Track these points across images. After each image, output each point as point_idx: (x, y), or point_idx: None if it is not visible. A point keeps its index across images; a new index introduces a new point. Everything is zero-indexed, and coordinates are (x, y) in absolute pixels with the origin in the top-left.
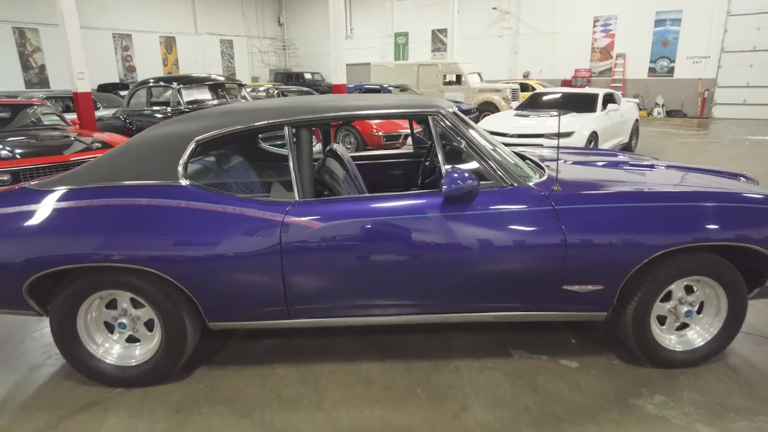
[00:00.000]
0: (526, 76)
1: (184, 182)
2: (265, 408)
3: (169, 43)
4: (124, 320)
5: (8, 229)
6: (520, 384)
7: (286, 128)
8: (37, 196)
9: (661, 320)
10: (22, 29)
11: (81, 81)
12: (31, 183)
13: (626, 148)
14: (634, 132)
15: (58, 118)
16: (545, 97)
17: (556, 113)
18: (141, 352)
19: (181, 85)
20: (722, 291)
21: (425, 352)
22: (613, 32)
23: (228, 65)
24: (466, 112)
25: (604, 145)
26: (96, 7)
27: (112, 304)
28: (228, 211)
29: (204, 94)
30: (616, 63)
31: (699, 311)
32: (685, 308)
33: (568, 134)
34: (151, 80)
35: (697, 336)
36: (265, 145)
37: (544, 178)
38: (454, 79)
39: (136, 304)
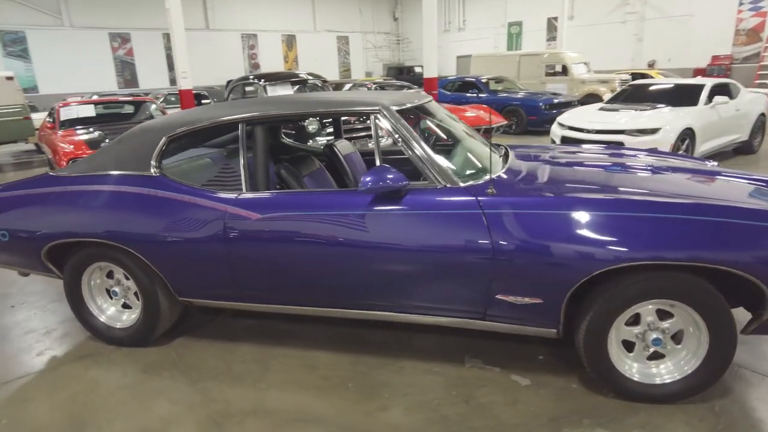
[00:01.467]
0: (651, 65)
1: (155, 173)
2: (212, 379)
3: (290, 41)
4: (117, 289)
5: (29, 207)
6: (455, 393)
7: (240, 125)
8: (52, 181)
9: (630, 346)
10: (170, 34)
11: (184, 79)
12: (52, 170)
13: (746, 147)
14: (758, 128)
15: (160, 113)
16: (642, 89)
17: (649, 107)
18: (126, 318)
19: (266, 82)
20: (701, 320)
21: (380, 348)
22: (765, 9)
23: (344, 61)
24: (566, 104)
25: (707, 143)
26: (227, 11)
27: (113, 274)
28: (185, 199)
29: (286, 90)
30: (766, 46)
31: (680, 341)
32: (653, 335)
33: (653, 131)
34: (251, 76)
35: (667, 370)
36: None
37: (485, 179)
38: (560, 69)
39: (128, 276)
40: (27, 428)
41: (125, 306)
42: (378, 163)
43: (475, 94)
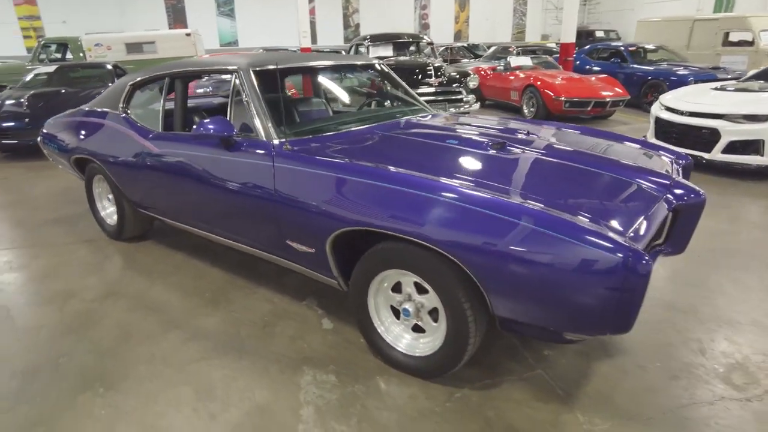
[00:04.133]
0: None
1: (120, 111)
2: (136, 270)
3: (463, 1)
4: (110, 195)
5: (66, 129)
6: (266, 319)
7: (166, 79)
8: (81, 113)
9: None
10: None
11: (304, 38)
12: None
13: None
14: None
15: None
16: None
17: None
18: (113, 218)
19: (370, 43)
20: (441, 303)
21: (255, 277)
22: None
23: (518, 23)
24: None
25: None
26: None
27: None
28: (129, 133)
29: (387, 51)
30: None
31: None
32: (405, 306)
33: (765, 118)
34: (369, 37)
35: (405, 343)
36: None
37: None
38: (748, 39)
39: None
40: (26, 272)
41: None
42: (229, 115)
43: (617, 63)
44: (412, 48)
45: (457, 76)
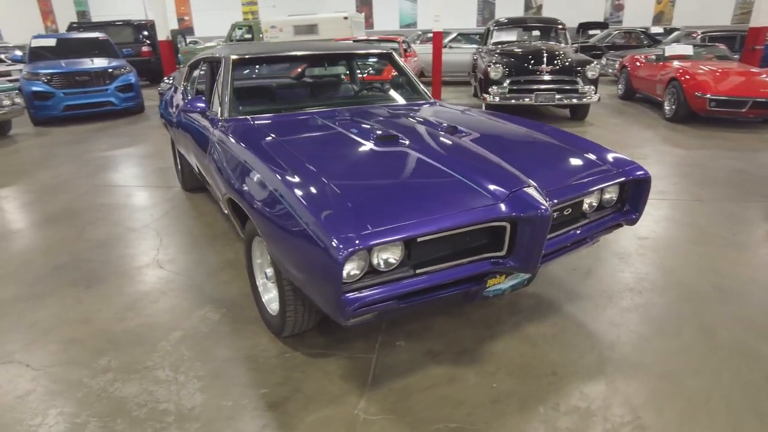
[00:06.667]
0: None
1: (181, 87)
2: (172, 211)
3: None
4: None
5: (164, 101)
6: (221, 266)
7: (202, 62)
8: (169, 87)
9: None
10: None
11: (436, 22)
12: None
13: None
14: None
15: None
16: None
17: None
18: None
19: (495, 27)
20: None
21: None
22: None
23: (742, 3)
24: None
25: None
26: None
27: None
28: (181, 103)
29: (510, 37)
30: None
31: None
32: (266, 269)
33: None
34: (496, 21)
35: (268, 297)
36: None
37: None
38: None
39: None
40: (117, 204)
41: None
42: (213, 94)
43: None
44: (552, 33)
45: (572, 65)
